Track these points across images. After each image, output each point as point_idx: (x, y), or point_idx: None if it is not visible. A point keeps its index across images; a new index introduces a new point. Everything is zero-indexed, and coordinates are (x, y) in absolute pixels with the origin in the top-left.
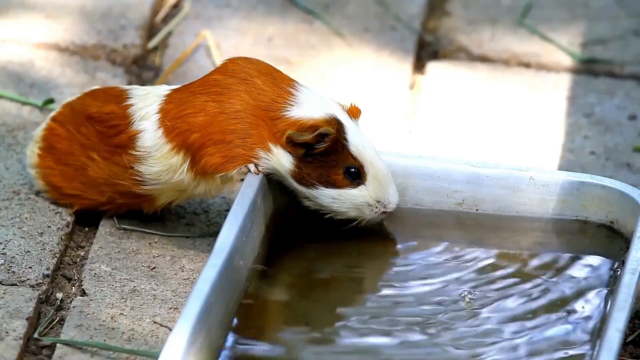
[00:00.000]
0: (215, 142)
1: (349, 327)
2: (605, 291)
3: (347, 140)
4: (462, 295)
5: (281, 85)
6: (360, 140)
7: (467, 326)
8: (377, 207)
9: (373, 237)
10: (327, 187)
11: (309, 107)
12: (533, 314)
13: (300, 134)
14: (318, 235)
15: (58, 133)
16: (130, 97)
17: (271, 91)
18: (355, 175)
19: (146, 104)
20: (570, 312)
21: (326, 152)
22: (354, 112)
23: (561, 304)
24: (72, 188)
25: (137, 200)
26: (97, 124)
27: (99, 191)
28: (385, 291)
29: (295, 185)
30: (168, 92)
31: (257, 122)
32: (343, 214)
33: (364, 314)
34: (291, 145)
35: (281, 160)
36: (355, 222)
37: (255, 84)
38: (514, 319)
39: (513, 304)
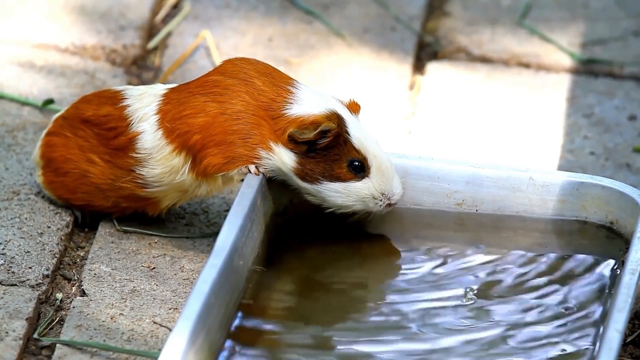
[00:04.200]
0: (217, 143)
1: (349, 327)
2: (604, 292)
3: (349, 134)
4: (462, 295)
5: (280, 84)
6: (362, 133)
7: (467, 326)
8: (381, 200)
9: (372, 238)
10: (332, 182)
11: (308, 104)
12: (532, 313)
13: (302, 132)
14: (318, 236)
15: (53, 143)
16: (126, 98)
17: (271, 91)
18: (359, 168)
19: (143, 104)
20: (570, 312)
21: (328, 146)
22: (353, 107)
23: (560, 304)
24: (77, 199)
25: (141, 203)
26: (94, 127)
27: (103, 197)
28: (385, 292)
29: (299, 182)
30: (165, 92)
31: (259, 121)
32: (348, 208)
33: (363, 315)
34: (293, 142)
35: (283, 158)
36: (357, 216)
37: (255, 84)
38: (513, 318)
39: (512, 303)
